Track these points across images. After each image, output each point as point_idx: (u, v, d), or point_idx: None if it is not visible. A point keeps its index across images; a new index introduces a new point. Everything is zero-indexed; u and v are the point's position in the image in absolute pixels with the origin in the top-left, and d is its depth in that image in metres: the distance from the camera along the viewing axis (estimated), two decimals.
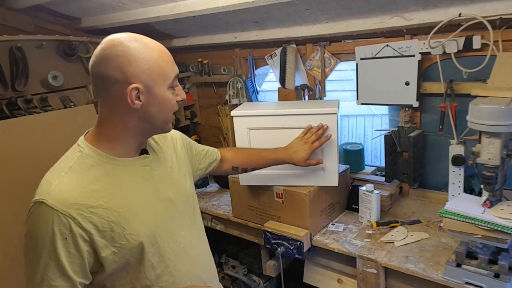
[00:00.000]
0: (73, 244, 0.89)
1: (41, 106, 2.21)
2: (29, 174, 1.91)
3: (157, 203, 1.03)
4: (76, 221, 0.88)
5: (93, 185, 0.92)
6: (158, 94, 0.94)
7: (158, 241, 1.01)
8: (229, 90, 2.52)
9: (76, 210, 0.88)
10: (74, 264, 0.90)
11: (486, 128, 1.26)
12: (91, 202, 0.90)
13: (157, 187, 1.04)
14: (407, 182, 1.98)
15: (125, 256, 0.96)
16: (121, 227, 0.93)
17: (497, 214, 1.26)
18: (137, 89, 0.91)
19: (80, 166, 0.94)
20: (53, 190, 0.89)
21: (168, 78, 0.95)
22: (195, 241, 1.15)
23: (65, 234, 0.87)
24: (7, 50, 2.12)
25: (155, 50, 0.94)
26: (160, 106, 0.95)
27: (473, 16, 1.54)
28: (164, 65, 0.94)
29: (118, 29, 2.48)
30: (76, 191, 0.90)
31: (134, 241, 0.95)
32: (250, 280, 2.27)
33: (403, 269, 1.45)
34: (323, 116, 1.62)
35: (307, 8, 1.82)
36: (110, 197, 0.93)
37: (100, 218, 0.91)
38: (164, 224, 1.03)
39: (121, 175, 0.97)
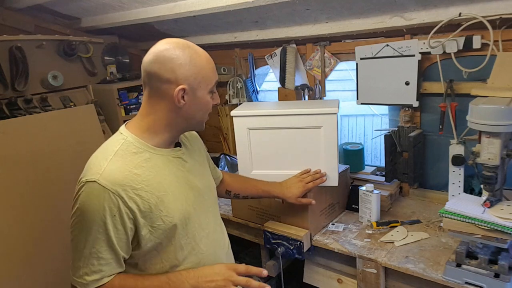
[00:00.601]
0: (120, 221, 0.98)
1: (41, 106, 2.21)
2: (29, 174, 1.92)
3: (188, 190, 1.13)
4: (123, 200, 0.97)
5: (136, 169, 1.01)
6: (200, 96, 1.06)
7: (188, 225, 1.11)
8: (229, 90, 2.52)
9: (124, 191, 0.97)
10: (120, 239, 1.00)
11: (486, 128, 1.26)
12: (135, 185, 1.00)
13: (188, 177, 1.14)
14: (407, 182, 1.98)
15: (160, 236, 1.04)
16: (159, 209, 1.03)
17: (497, 214, 1.26)
18: (183, 90, 1.02)
19: (124, 152, 1.03)
20: (104, 171, 0.97)
21: (211, 84, 1.07)
22: (216, 228, 1.24)
23: (113, 211, 0.97)
24: (7, 50, 2.13)
25: (203, 57, 1.06)
26: (199, 107, 1.07)
27: (473, 16, 1.54)
28: (209, 71, 1.06)
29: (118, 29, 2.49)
30: (123, 173, 0.99)
31: (169, 222, 1.05)
32: None
33: (403, 269, 1.45)
34: (323, 116, 1.62)
35: (307, 8, 1.82)
36: (150, 182, 1.02)
37: (142, 199, 1.00)
38: (193, 210, 1.13)
39: (158, 163, 1.07)
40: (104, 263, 0.99)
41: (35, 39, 2.25)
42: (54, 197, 1.97)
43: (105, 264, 1.00)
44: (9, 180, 1.84)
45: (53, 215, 1.97)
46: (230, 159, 2.42)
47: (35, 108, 2.18)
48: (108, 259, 1.00)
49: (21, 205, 1.88)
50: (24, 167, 1.90)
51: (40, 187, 1.95)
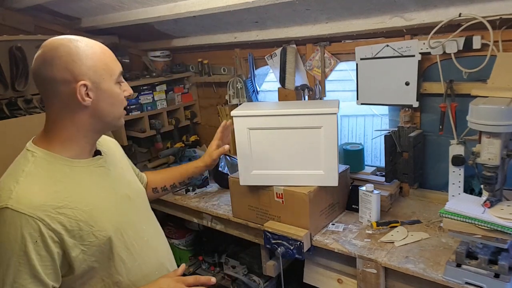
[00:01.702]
0: (43, 247, 0.87)
1: (41, 106, 2.21)
2: None
3: (117, 200, 1.07)
4: (45, 223, 0.87)
5: (54, 186, 0.92)
6: (106, 89, 0.97)
7: (124, 236, 1.04)
8: (229, 90, 2.52)
9: (44, 212, 0.87)
10: (46, 267, 0.89)
11: (486, 128, 1.26)
12: (57, 203, 0.90)
13: (114, 186, 1.08)
14: (407, 182, 1.98)
15: (95, 253, 0.96)
16: (89, 225, 0.95)
17: (497, 214, 1.27)
18: (85, 86, 0.93)
19: (36, 170, 0.93)
20: (15, 194, 0.87)
21: (114, 74, 0.98)
22: (155, 233, 1.20)
23: (35, 237, 0.86)
24: (7, 50, 2.12)
25: (96, 47, 0.98)
26: (109, 101, 0.98)
27: (473, 16, 1.54)
28: (108, 61, 0.98)
29: (118, 29, 2.49)
30: (39, 193, 0.89)
31: (103, 237, 0.97)
32: (250, 280, 2.27)
33: (403, 269, 1.45)
34: (323, 116, 1.62)
35: (307, 8, 1.82)
36: (74, 197, 0.94)
37: (68, 218, 0.91)
38: (126, 219, 1.07)
39: (80, 176, 0.98)
40: None
41: (35, 39, 2.24)
42: None
43: None
44: None
45: None
46: (230, 159, 2.42)
47: (35, 108, 2.18)
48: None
49: None
50: None
51: None
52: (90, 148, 1.04)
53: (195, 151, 2.66)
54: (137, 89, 2.51)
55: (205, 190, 2.35)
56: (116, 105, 1.00)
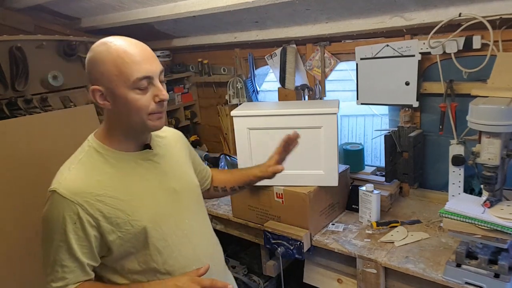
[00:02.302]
0: (81, 228, 0.97)
1: (41, 106, 2.21)
2: (29, 174, 1.91)
3: (161, 193, 1.09)
4: (84, 208, 0.96)
5: (99, 176, 1.00)
6: (121, 95, 0.96)
7: (162, 227, 1.07)
8: (229, 90, 2.52)
9: (83, 198, 0.96)
10: (83, 247, 0.98)
11: (486, 128, 1.26)
12: (97, 191, 0.98)
13: (161, 179, 1.10)
14: (407, 182, 1.98)
15: (130, 240, 1.02)
16: (126, 214, 1.00)
17: (497, 214, 1.27)
18: (99, 91, 0.97)
19: (88, 159, 1.02)
20: (64, 180, 0.98)
21: (128, 80, 0.94)
22: (199, 229, 1.19)
23: (73, 219, 0.96)
24: (7, 50, 2.12)
25: (117, 52, 0.95)
26: (125, 107, 0.97)
27: (473, 16, 1.54)
28: (123, 66, 0.94)
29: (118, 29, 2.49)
30: (83, 181, 0.98)
31: (138, 226, 1.02)
32: (250, 280, 2.27)
33: (403, 269, 1.45)
34: (323, 116, 1.62)
35: (307, 8, 1.82)
36: (115, 187, 1.00)
37: (106, 206, 0.98)
38: (168, 211, 1.09)
39: (125, 167, 1.04)
40: (68, 270, 0.98)
41: (35, 39, 2.24)
42: None
43: (69, 272, 0.98)
44: (9, 180, 1.84)
45: None
46: (230, 159, 2.42)
47: (35, 108, 2.17)
48: (72, 267, 0.98)
49: (21, 205, 1.87)
50: (24, 167, 1.90)
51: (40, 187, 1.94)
52: (138, 143, 1.08)
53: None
54: None
55: None
56: (132, 112, 0.97)
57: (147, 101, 0.97)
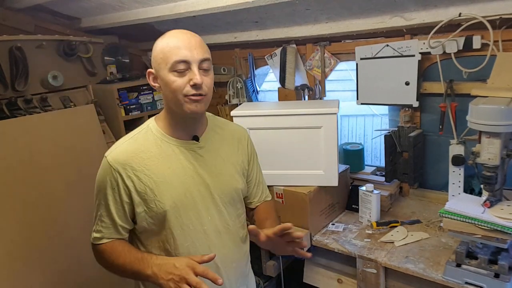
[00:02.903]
0: (118, 193, 1.09)
1: (41, 106, 2.21)
2: (29, 174, 1.91)
3: (191, 184, 1.14)
4: (121, 177, 1.08)
5: (143, 154, 1.10)
6: (163, 77, 1.06)
7: (182, 216, 1.12)
8: (229, 90, 2.52)
9: (123, 169, 1.08)
10: (118, 210, 1.11)
11: (486, 128, 1.26)
12: (136, 166, 1.09)
13: (198, 171, 1.15)
14: (407, 182, 1.98)
15: (153, 217, 1.11)
16: (154, 193, 1.09)
17: (497, 214, 1.26)
18: (152, 73, 1.10)
19: (140, 137, 1.14)
20: (114, 150, 1.11)
21: (169, 62, 1.04)
22: (221, 230, 1.19)
23: (113, 184, 1.09)
24: (7, 50, 2.12)
25: (166, 38, 1.08)
26: (166, 87, 1.07)
27: (473, 16, 1.54)
28: (167, 50, 1.05)
29: (118, 29, 2.49)
30: (128, 154, 1.09)
31: (160, 208, 1.10)
32: None
33: (403, 269, 1.45)
34: (323, 116, 1.62)
35: (307, 8, 1.82)
36: (152, 167, 1.10)
37: (140, 180, 1.09)
38: (192, 202, 1.14)
39: (168, 152, 1.13)
40: (105, 226, 1.12)
41: (35, 39, 2.24)
42: (54, 197, 1.97)
43: (105, 227, 1.12)
44: (9, 180, 1.84)
45: (53, 215, 1.97)
46: None
47: (35, 108, 2.18)
48: (108, 223, 1.12)
49: (21, 205, 1.87)
50: (24, 167, 1.90)
51: (40, 187, 1.94)
52: (186, 131, 1.15)
53: None
54: (137, 89, 2.51)
55: None
56: (171, 92, 1.06)
57: (183, 83, 1.05)
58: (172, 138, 1.14)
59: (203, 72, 1.07)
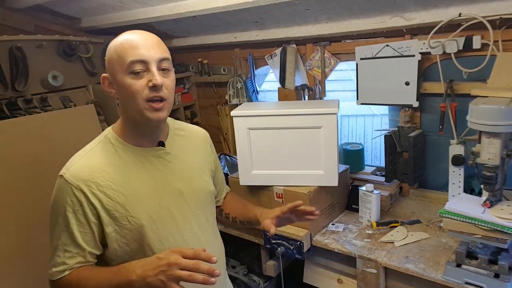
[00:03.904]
0: (83, 214, 0.98)
1: (41, 106, 2.21)
2: (29, 174, 1.91)
3: (164, 193, 1.07)
4: (85, 195, 0.97)
5: (106, 167, 1.01)
6: (119, 80, 0.97)
7: (160, 229, 1.04)
8: (229, 90, 2.52)
9: (87, 186, 0.97)
10: (85, 233, 0.99)
11: (486, 128, 1.26)
12: (101, 182, 0.99)
13: (168, 179, 1.08)
14: (407, 182, 1.98)
15: (126, 236, 1.01)
16: (125, 208, 1.00)
17: (497, 214, 1.27)
18: (107, 78, 1.01)
19: (99, 149, 1.04)
20: (72, 166, 1.00)
21: (124, 64, 0.95)
22: (201, 237, 1.13)
23: (76, 205, 0.97)
24: (7, 50, 2.12)
25: (120, 39, 0.98)
26: (122, 93, 0.98)
27: (473, 16, 1.54)
28: (121, 51, 0.96)
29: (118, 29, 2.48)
30: (89, 169, 0.99)
31: (135, 223, 1.01)
32: (250, 280, 2.27)
33: (403, 269, 1.45)
34: (323, 116, 1.62)
35: (307, 8, 1.82)
36: (119, 180, 1.00)
37: (107, 197, 0.99)
38: (168, 213, 1.06)
39: (133, 162, 1.04)
40: (69, 256, 0.99)
41: (35, 39, 2.24)
42: None
43: (70, 257, 0.99)
44: (9, 180, 1.84)
45: None
46: (230, 159, 2.42)
47: (35, 108, 2.18)
48: (73, 252, 0.99)
49: (21, 205, 1.87)
50: (24, 167, 1.90)
51: (40, 187, 1.94)
52: (149, 138, 1.07)
53: None
54: None
55: None
56: (130, 98, 0.97)
57: (141, 86, 0.96)
58: (135, 147, 1.04)
59: (163, 73, 0.98)
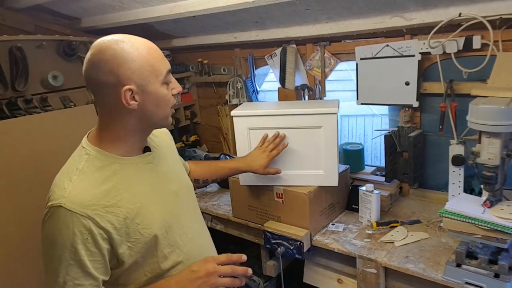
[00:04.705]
0: (93, 243, 0.91)
1: (41, 106, 2.21)
2: (29, 174, 1.91)
3: (164, 196, 1.07)
4: (95, 221, 0.91)
5: (104, 185, 0.95)
6: (153, 91, 0.95)
7: (169, 233, 1.05)
8: (229, 90, 2.52)
9: (94, 211, 0.91)
10: (96, 262, 0.93)
11: (486, 128, 1.26)
12: (106, 202, 0.93)
13: (162, 182, 1.08)
14: (407, 182, 1.98)
15: (140, 250, 0.99)
16: (135, 223, 0.97)
17: (497, 214, 1.26)
18: (130, 90, 0.92)
19: (89, 168, 0.96)
20: (69, 193, 0.91)
21: (161, 75, 0.95)
22: (200, 230, 1.20)
23: (85, 234, 0.90)
24: (7, 50, 2.12)
25: (142, 48, 0.94)
26: (156, 103, 0.97)
27: (473, 16, 1.54)
28: (154, 62, 0.95)
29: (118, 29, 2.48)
30: (90, 192, 0.92)
31: (148, 234, 0.99)
32: (250, 280, 2.27)
33: (403, 269, 1.45)
34: (323, 116, 1.62)
35: (307, 8, 1.82)
36: (122, 196, 0.96)
37: (116, 216, 0.94)
38: (172, 216, 1.07)
39: (128, 173, 1.00)
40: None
41: (35, 39, 2.24)
42: None
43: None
44: (9, 180, 1.84)
45: None
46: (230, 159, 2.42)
47: (35, 108, 2.18)
48: (86, 284, 0.92)
49: (21, 205, 1.87)
50: (24, 167, 1.90)
51: (40, 187, 1.94)
52: (139, 145, 1.05)
53: (195, 151, 2.66)
54: None
55: (205, 190, 2.35)
56: (162, 106, 0.98)
57: (170, 95, 0.99)
58: (126, 158, 1.00)
59: None
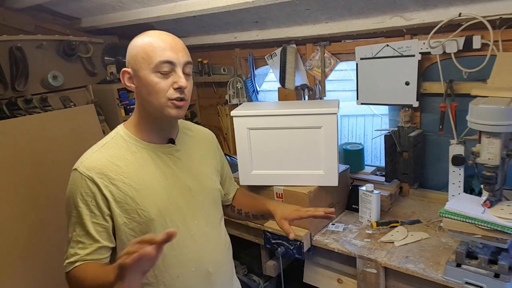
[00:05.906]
0: (96, 206, 1.01)
1: (41, 106, 2.21)
2: (29, 174, 1.91)
3: (173, 188, 1.10)
4: (98, 187, 1.01)
5: (118, 161, 1.04)
6: (142, 77, 1.02)
7: (168, 223, 1.07)
8: (229, 90, 2.52)
9: (100, 178, 1.01)
10: (98, 225, 1.02)
11: (486, 128, 1.26)
12: (113, 175, 1.02)
13: (178, 175, 1.12)
14: (407, 182, 1.98)
15: (135, 229, 1.04)
16: (135, 202, 1.03)
17: (497, 214, 1.26)
18: (128, 73, 1.05)
19: (112, 144, 1.08)
20: (85, 160, 1.03)
21: (151, 62, 1.00)
22: (208, 233, 1.17)
23: (89, 196, 1.01)
24: (7, 50, 2.12)
25: (147, 37, 1.04)
26: (146, 89, 1.02)
27: (473, 16, 1.54)
28: (149, 50, 1.01)
29: (118, 29, 2.49)
30: (102, 162, 1.03)
31: (144, 217, 1.04)
32: (250, 280, 2.27)
33: (403, 269, 1.45)
34: (323, 116, 1.62)
35: (307, 8, 1.82)
36: (131, 174, 1.04)
37: (118, 190, 1.02)
38: (176, 208, 1.10)
39: (145, 157, 1.08)
40: (82, 247, 1.02)
41: (35, 39, 2.24)
42: (54, 197, 1.97)
43: (81, 248, 1.02)
44: (9, 180, 1.84)
45: (53, 215, 1.96)
46: (230, 159, 2.42)
47: (35, 108, 2.18)
48: (86, 244, 1.02)
49: (21, 205, 1.87)
50: (24, 167, 1.90)
51: (40, 187, 1.94)
52: (161, 135, 1.11)
53: None
54: None
55: None
56: (153, 94, 1.02)
57: (166, 85, 1.01)
58: (147, 143, 1.09)
59: (186, 76, 1.04)
